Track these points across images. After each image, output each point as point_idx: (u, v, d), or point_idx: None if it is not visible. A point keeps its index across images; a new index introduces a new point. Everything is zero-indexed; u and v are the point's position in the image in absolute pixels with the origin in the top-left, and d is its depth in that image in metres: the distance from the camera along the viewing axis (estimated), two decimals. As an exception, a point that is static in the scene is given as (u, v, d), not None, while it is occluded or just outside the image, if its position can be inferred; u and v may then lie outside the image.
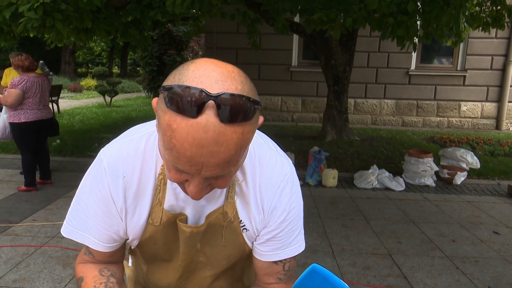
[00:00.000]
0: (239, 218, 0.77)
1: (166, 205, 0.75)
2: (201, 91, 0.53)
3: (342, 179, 4.76)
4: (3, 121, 3.99)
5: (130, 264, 1.00)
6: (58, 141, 6.08)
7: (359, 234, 3.29)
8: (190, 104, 0.53)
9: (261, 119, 0.62)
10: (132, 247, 0.82)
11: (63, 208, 3.69)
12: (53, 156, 4.86)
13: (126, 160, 0.73)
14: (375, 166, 4.77)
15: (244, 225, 0.78)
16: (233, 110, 0.53)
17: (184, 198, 0.74)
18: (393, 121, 8.86)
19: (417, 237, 3.28)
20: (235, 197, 0.76)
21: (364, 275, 2.63)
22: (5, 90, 3.92)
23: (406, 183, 4.70)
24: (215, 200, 0.76)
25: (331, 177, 4.57)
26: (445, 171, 4.86)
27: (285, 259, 0.81)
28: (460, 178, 4.79)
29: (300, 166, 5.04)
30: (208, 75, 0.55)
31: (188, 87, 0.54)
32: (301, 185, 0.83)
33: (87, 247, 0.80)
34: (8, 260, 2.70)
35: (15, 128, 3.90)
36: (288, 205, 0.78)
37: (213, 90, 0.54)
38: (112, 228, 0.77)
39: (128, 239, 0.79)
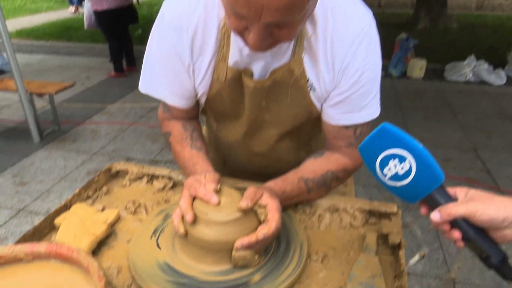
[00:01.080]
0: (306, 76, 0.71)
1: (230, 61, 0.72)
2: None
3: (430, 70, 4.30)
4: (88, 9, 4.21)
5: (203, 125, 1.05)
6: (140, 31, 6.30)
7: (442, 127, 3.07)
8: None
9: None
10: (202, 104, 0.84)
11: (148, 92, 4.01)
12: (136, 45, 5.10)
13: (187, 12, 0.69)
14: (472, 56, 4.18)
15: (312, 84, 0.72)
16: None
17: (249, 53, 0.70)
18: (505, 5, 7.36)
19: (511, 133, 2.95)
20: (303, 53, 0.70)
21: (443, 166, 2.46)
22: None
23: (508, 77, 4.09)
24: (281, 56, 0.70)
25: (418, 67, 4.15)
26: None
27: (356, 124, 0.75)
28: None
29: (384, 56, 4.61)
30: None
31: None
32: (382, 77, 0.72)
33: (164, 104, 0.82)
34: (106, 134, 3.11)
35: (99, 15, 4.11)
36: (363, 64, 0.69)
37: None
38: (183, 84, 0.77)
39: (198, 94, 0.80)
